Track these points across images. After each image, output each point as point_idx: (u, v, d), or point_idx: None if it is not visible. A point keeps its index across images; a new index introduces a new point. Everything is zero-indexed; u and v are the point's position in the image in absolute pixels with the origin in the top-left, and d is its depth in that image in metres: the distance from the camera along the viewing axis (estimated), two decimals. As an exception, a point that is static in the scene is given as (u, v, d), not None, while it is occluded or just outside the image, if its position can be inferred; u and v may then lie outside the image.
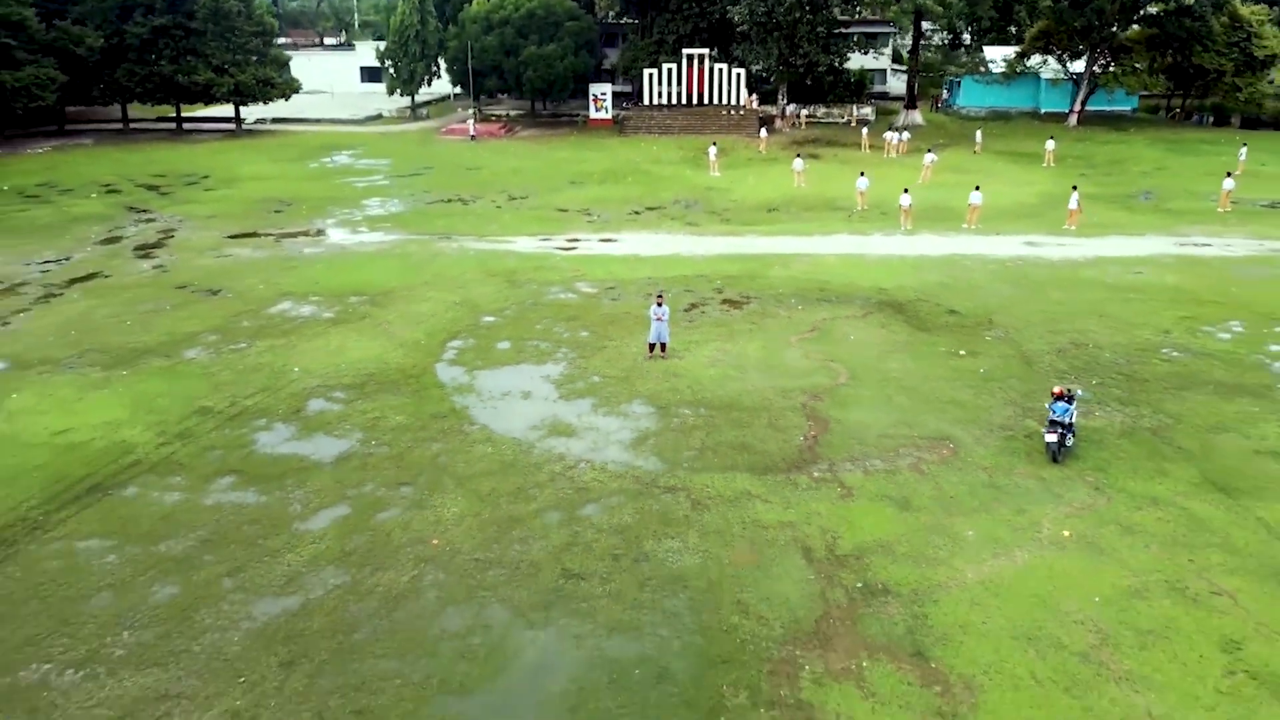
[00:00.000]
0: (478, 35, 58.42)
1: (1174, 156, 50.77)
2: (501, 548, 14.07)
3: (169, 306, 25.67)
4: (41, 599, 12.98)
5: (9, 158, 51.07)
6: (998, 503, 15.35)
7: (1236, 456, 16.93)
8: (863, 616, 12.47)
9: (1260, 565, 13.65)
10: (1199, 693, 11.09)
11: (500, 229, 34.86)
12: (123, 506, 15.37)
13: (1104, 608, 12.65)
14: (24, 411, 18.97)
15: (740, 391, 19.75)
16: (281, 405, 19.21)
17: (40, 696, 11.14)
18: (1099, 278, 28.22)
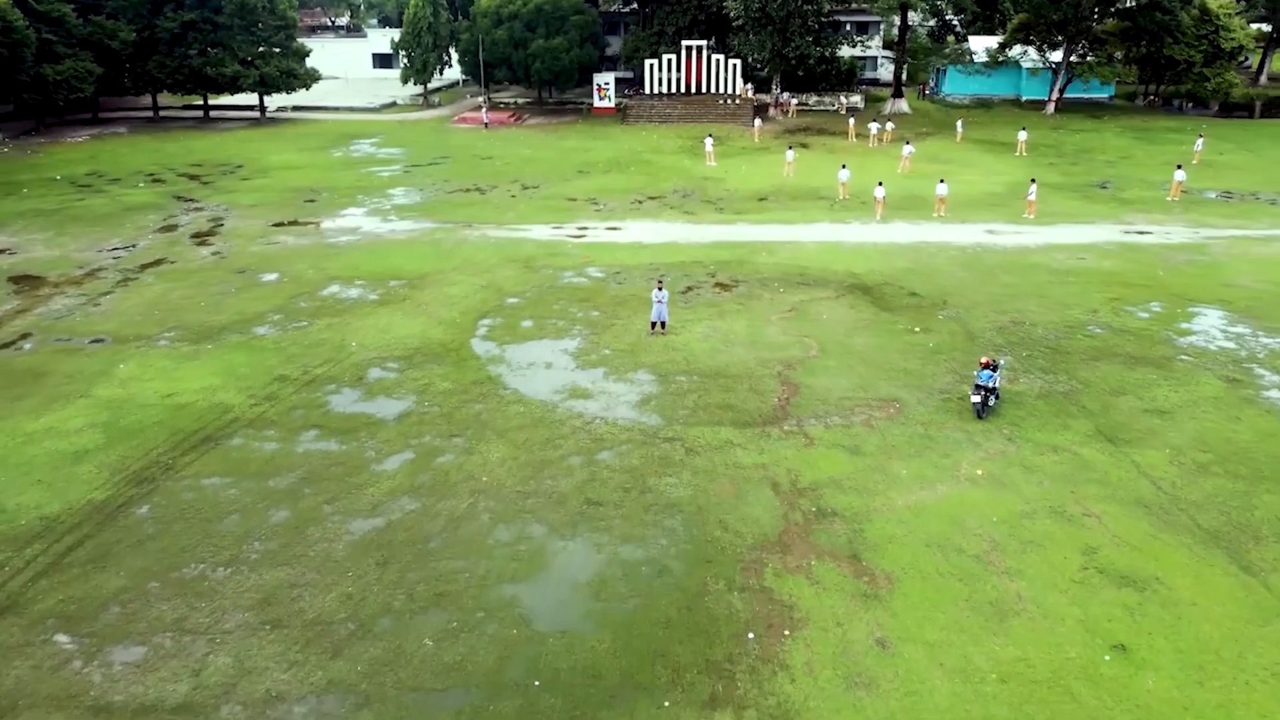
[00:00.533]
0: (488, 29, 61.90)
1: (1140, 145, 54.40)
2: (536, 483, 18.04)
3: (233, 289, 29.56)
4: (185, 520, 16.95)
5: (53, 146, 54.72)
6: (928, 450, 19.31)
7: (1127, 414, 20.87)
8: (814, 531, 16.45)
9: (1126, 496, 17.62)
10: (1058, 582, 15.09)
11: (517, 217, 38.65)
12: (232, 453, 19.33)
13: (998, 526, 16.62)
14: (133, 379, 22.90)
15: (727, 362, 23.67)
16: (346, 374, 23.13)
17: (202, 585, 15.13)
18: (1046, 263, 32.08)
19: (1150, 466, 18.63)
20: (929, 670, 13.14)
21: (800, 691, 12.74)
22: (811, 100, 67.17)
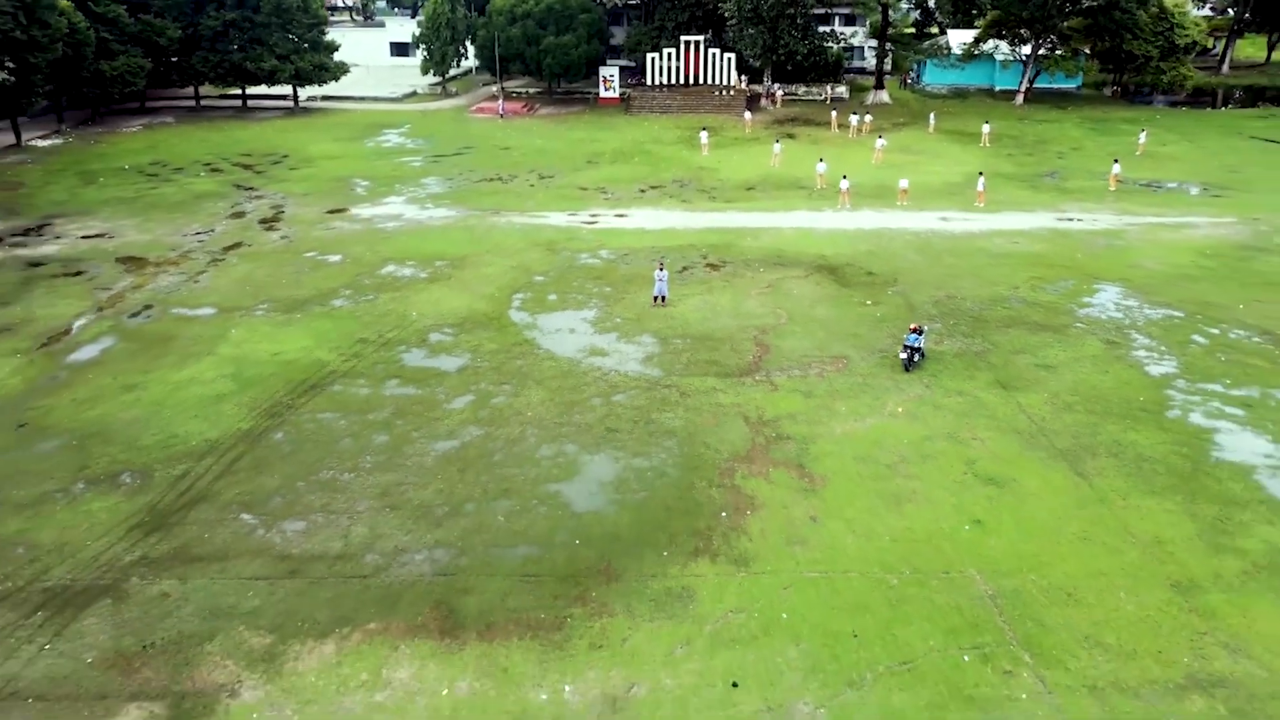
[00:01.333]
0: (503, 26, 67.46)
1: (1093, 136, 60.21)
2: (568, 416, 24.20)
3: (306, 269, 35.62)
4: (312, 442, 23.13)
5: (112, 136, 60.51)
6: (864, 394, 25.46)
7: (1022, 368, 27.02)
8: (772, 449, 22.63)
9: (1005, 426, 23.78)
10: (942, 482, 21.26)
11: (536, 205, 44.63)
12: (335, 396, 25.49)
13: (907, 446, 22.79)
14: (244, 341, 29.03)
15: (714, 328, 29.78)
16: (412, 337, 29.26)
17: (335, 483, 21.31)
18: (985, 247, 38.12)
19: (1029, 406, 24.80)
20: (844, 534, 19.37)
21: (755, 547, 18.96)
22: (800, 90, 72.78)
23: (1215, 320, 30.42)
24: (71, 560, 18.61)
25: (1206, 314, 30.94)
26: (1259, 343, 28.67)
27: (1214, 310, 31.25)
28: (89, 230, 40.60)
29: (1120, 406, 24.71)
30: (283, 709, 14.96)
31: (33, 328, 30.17)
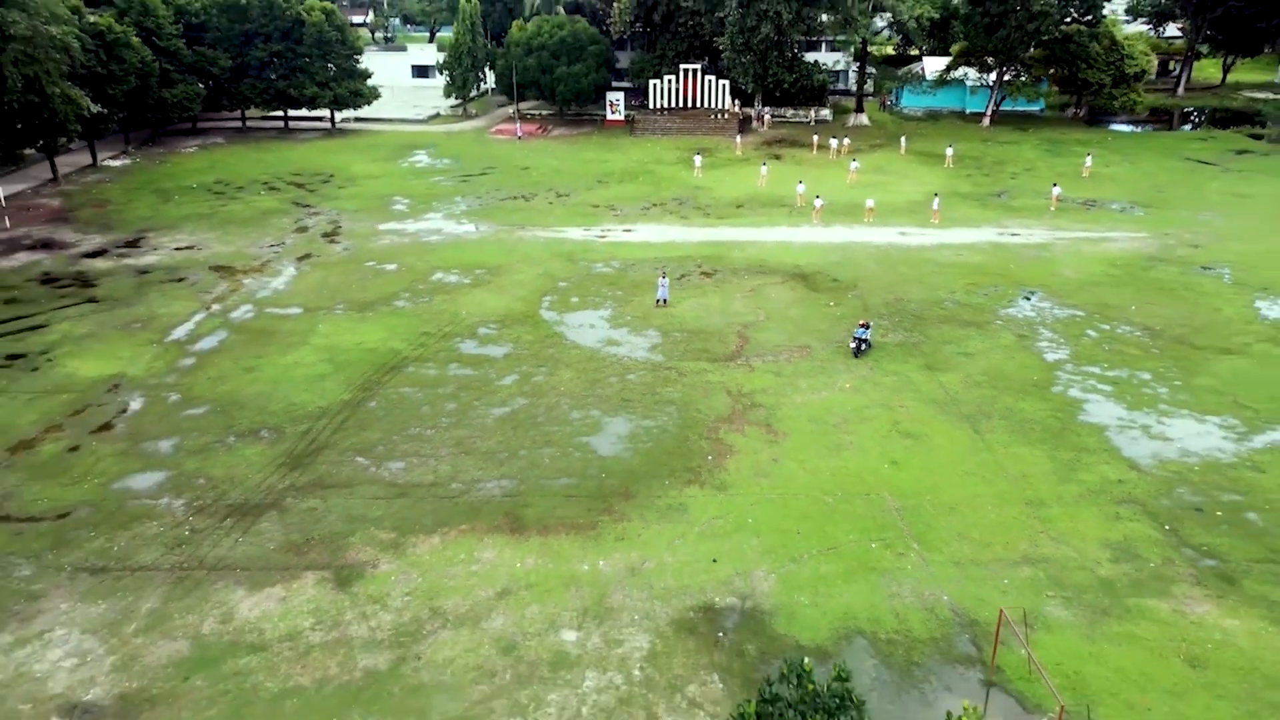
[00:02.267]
0: (520, 57, 74.94)
1: (1047, 157, 67.64)
2: (592, 390, 31.57)
3: (369, 276, 43.04)
4: (399, 409, 30.50)
5: (174, 156, 67.98)
6: (820, 374, 32.85)
7: (947, 355, 34.40)
8: (747, 413, 30.02)
9: (926, 397, 31.16)
10: (872, 435, 28.63)
11: (556, 221, 52.05)
12: (411, 375, 32.88)
13: (850, 411, 30.16)
14: (331, 333, 36.42)
15: (706, 324, 37.17)
16: (464, 330, 36.65)
17: (421, 436, 28.68)
18: (934, 258, 45.53)
19: (947, 383, 32.20)
20: (796, 470, 26.72)
21: (731, 479, 26.32)
22: (788, 113, 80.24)
23: (1108, 318, 37.85)
24: (241, 487, 26.01)
25: (1103, 313, 38.36)
26: (1138, 336, 36.11)
27: (1110, 310, 38.67)
28: (179, 243, 48.03)
29: (1017, 384, 32.12)
30: (410, 575, 22.34)
31: (158, 323, 37.58)
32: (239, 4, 70.76)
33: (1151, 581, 22.00)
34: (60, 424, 29.49)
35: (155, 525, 24.27)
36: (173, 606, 21.24)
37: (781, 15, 68.58)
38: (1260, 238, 48.42)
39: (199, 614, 20.93)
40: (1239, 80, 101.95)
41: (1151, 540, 23.54)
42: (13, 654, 19.83)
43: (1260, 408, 30.25)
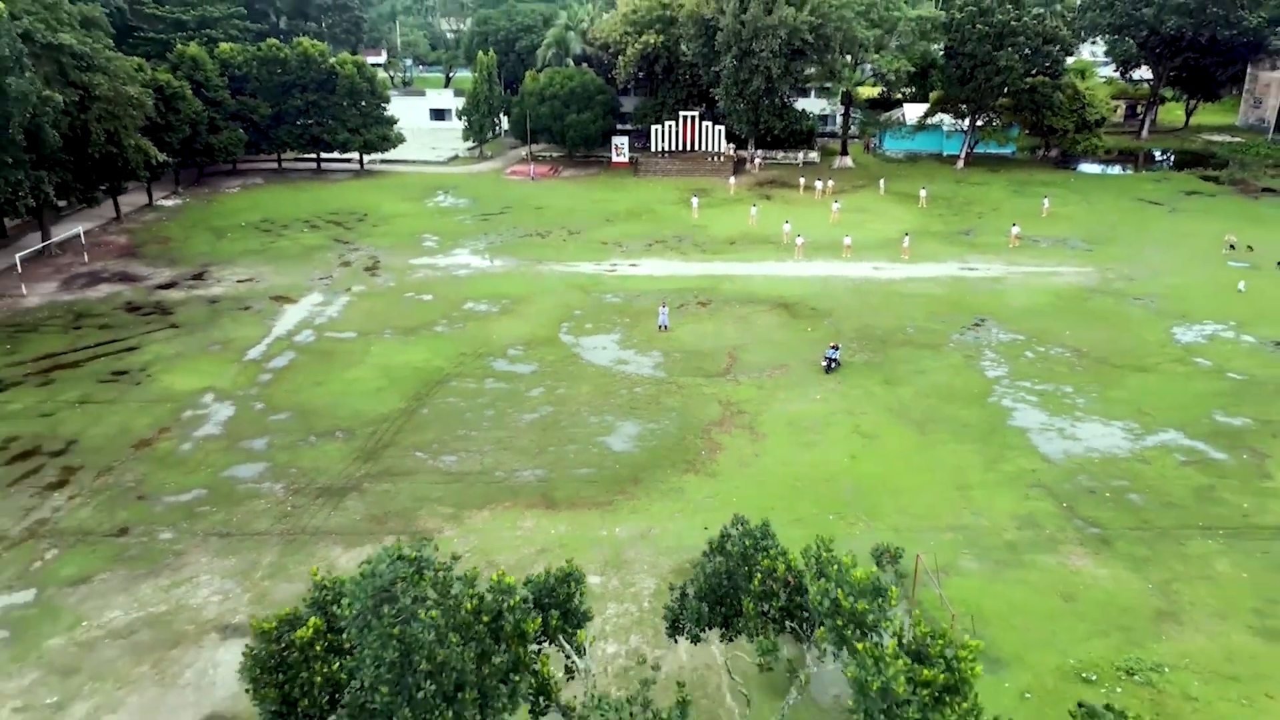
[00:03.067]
0: (534, 105, 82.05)
1: (1012, 198, 74.40)
2: (606, 400, 38.02)
3: (410, 305, 49.59)
4: (447, 415, 36.93)
5: (218, 195, 74.84)
6: (797, 388, 39.30)
7: (903, 372, 40.86)
8: (735, 419, 36.45)
9: (883, 406, 37.59)
10: (836, 437, 35.04)
11: (570, 256, 58.71)
12: (454, 388, 39.33)
13: (819, 417, 36.58)
14: (383, 354, 42.91)
15: (701, 346, 43.66)
16: (496, 351, 43.15)
17: (467, 436, 35.10)
18: (901, 290, 52.10)
19: (901, 395, 38.64)
20: (773, 463, 33.11)
21: (720, 468, 32.69)
22: (779, 155, 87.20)
23: (1045, 342, 44.38)
24: (326, 474, 32.41)
25: (1041, 338, 44.90)
26: (1067, 356, 42.62)
27: (1047, 335, 45.20)
28: (239, 276, 54.66)
29: (960, 396, 38.58)
30: (468, 538, 28.68)
31: (234, 345, 44.10)
32: (278, 57, 77.85)
33: (1045, 543, 28.37)
34: (169, 427, 35.94)
35: (262, 503, 30.67)
36: (287, 560, 27.61)
37: (771, 69, 75.62)
38: (1189, 272, 55.05)
39: (308, 565, 27.24)
40: (1201, 123, 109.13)
41: (1050, 514, 29.92)
42: (171, 592, 26.16)
43: (1157, 415, 36.71)
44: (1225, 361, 41.99)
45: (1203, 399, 38.13)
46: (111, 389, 39.29)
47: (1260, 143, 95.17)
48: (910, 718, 10.28)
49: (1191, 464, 33.08)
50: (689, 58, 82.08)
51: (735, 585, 14.18)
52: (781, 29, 73.30)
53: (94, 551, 28.06)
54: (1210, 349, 43.52)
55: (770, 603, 13.58)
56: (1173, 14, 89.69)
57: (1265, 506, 30.29)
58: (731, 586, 14.29)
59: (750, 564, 14.71)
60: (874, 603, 12.05)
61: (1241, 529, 29.11)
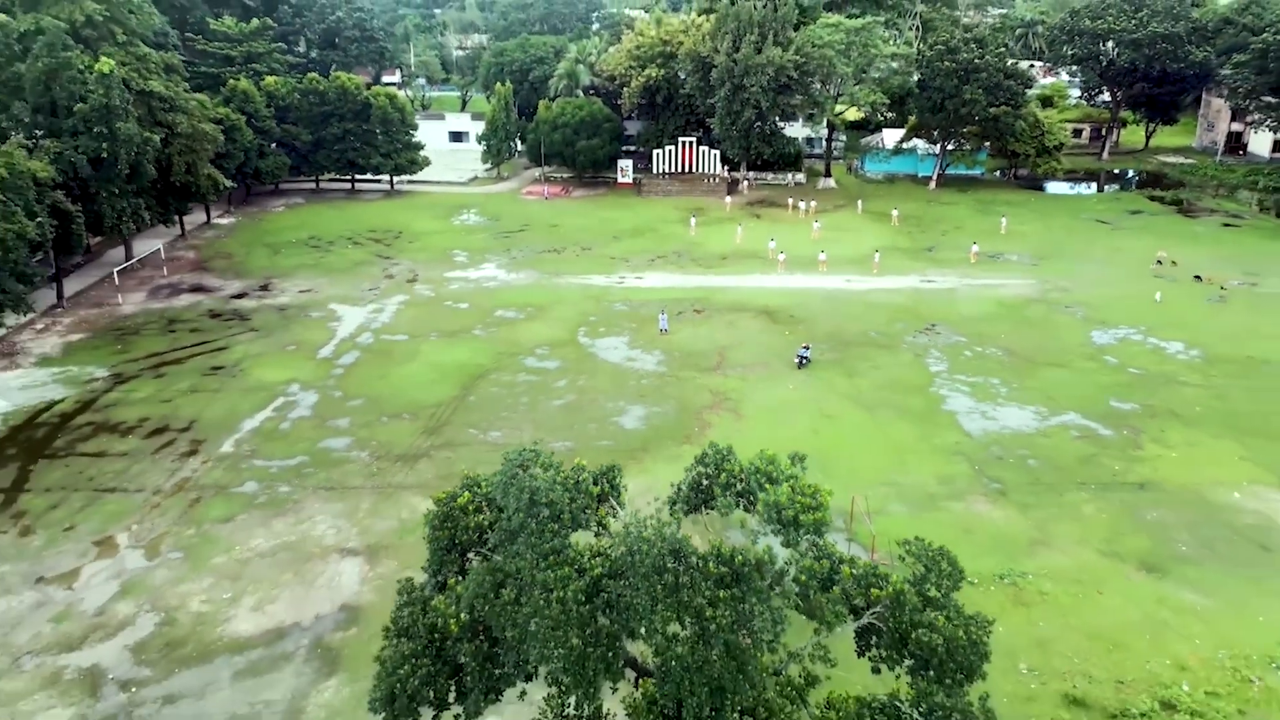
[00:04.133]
0: (548, 132, 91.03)
1: (975, 217, 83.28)
2: (619, 389, 46.87)
3: (450, 312, 58.42)
4: (490, 401, 45.78)
5: (266, 214, 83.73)
6: (774, 381, 48.15)
7: (862, 368, 49.72)
8: (722, 404, 45.28)
9: (843, 395, 46.43)
10: (803, 418, 43.84)
11: (583, 270, 67.57)
12: (494, 380, 48.15)
13: (791, 403, 45.39)
14: (432, 353, 51.76)
15: (696, 347, 52.52)
16: (525, 351, 52.00)
17: (508, 418, 43.92)
18: (868, 300, 60.95)
19: (859, 386, 47.49)
20: (753, 437, 41.75)
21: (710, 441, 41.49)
22: (769, 177, 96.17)
23: (983, 343, 53.26)
24: (400, 445, 41.23)
25: (980, 340, 53.77)
26: (1000, 355, 51.50)
27: (985, 338, 54.06)
28: (300, 287, 63.53)
29: (906, 386, 47.42)
30: (516, 491, 37.45)
31: (307, 345, 52.93)
32: (318, 90, 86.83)
33: (957, 494, 37.21)
34: (270, 411, 44.77)
35: (354, 466, 39.53)
36: (380, 505, 36.45)
37: (761, 102, 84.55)
38: (1117, 284, 63.94)
39: (396, 508, 36.10)
40: (1161, 144, 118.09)
41: (965, 474, 38.76)
42: (297, 527, 34.98)
43: (1063, 401, 45.58)
44: (1129, 360, 50.90)
45: (1103, 389, 47.03)
46: (214, 380, 48.15)
47: (1209, 164, 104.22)
48: (787, 517, 19.05)
49: (1082, 438, 41.96)
50: (687, 90, 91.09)
51: (711, 482, 22.87)
52: (769, 67, 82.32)
53: (231, 500, 36.91)
54: (1119, 349, 52.44)
55: (729, 490, 22.27)
56: (1127, 49, 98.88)
57: (1131, 469, 39.17)
58: (708, 483, 23.00)
59: (720, 468, 23.41)
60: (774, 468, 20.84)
61: (1109, 484, 37.98)
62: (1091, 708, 25.92)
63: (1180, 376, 48.56)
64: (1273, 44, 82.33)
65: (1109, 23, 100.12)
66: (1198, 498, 36.85)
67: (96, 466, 39.46)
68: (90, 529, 34.91)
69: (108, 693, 26.87)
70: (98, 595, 31.17)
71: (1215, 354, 51.40)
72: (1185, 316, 57.54)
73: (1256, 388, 46.98)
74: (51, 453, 40.65)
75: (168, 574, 32.27)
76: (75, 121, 53.76)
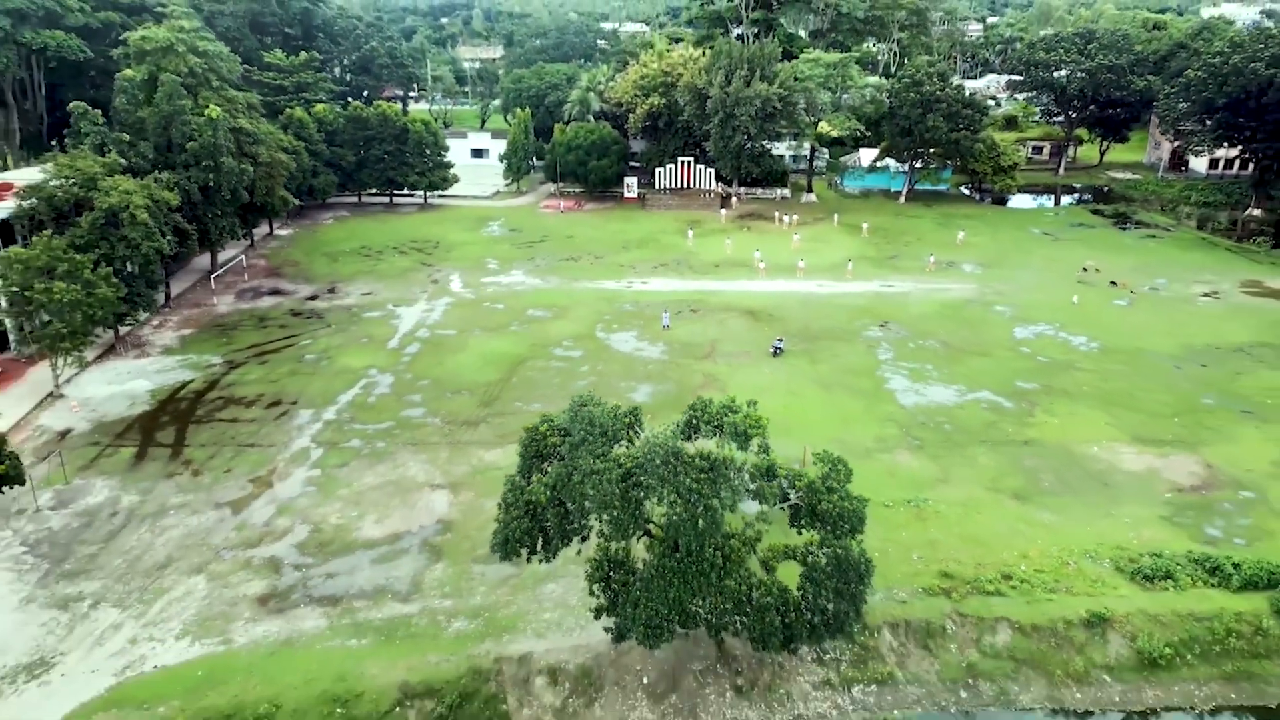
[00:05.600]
0: (563, 154, 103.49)
1: (936, 230, 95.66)
2: (630, 374, 59.28)
3: (489, 311, 70.83)
4: (530, 382, 58.19)
5: (319, 227, 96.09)
6: (754, 366, 60.56)
7: (824, 356, 62.12)
8: (712, 384, 57.69)
9: (807, 378, 58.81)
10: (776, 394, 56.25)
11: (597, 275, 79.94)
12: (531, 365, 60.59)
13: (766, 385, 57.77)
14: (479, 344, 64.18)
15: (692, 340, 64.93)
16: (554, 343, 64.42)
17: (545, 394, 56.27)
18: (834, 302, 73.36)
19: (820, 370, 59.91)
20: (734, 408, 54.33)
21: (702, 412, 53.99)
22: (758, 192, 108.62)
23: (924, 336, 65.66)
24: (463, 414, 53.65)
25: (923, 334, 66.16)
26: (936, 346, 63.93)
27: (927, 332, 66.45)
28: (361, 290, 75.96)
29: (858, 370, 59.85)
30: (555, 446, 49.94)
31: (377, 338, 65.32)
32: (362, 117, 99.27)
33: (886, 450, 49.62)
34: (358, 389, 57.17)
35: (430, 429, 51.94)
36: (454, 456, 48.88)
37: (750, 128, 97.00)
38: (1046, 289, 76.37)
39: (467, 458, 48.52)
40: (1113, 160, 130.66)
41: (895, 435, 51.17)
42: (396, 470, 47.41)
43: (979, 382, 57.98)
44: (1040, 350, 63.37)
45: (1014, 373, 59.47)
46: (308, 366, 60.59)
47: (1151, 180, 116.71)
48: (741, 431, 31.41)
49: (989, 409, 54.39)
50: (685, 117, 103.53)
51: (697, 419, 35.16)
52: (757, 99, 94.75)
53: (343, 453, 49.32)
54: (1034, 342, 64.92)
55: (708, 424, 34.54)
56: (1077, 78, 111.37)
57: (1021, 431, 51.60)
58: (695, 420, 35.29)
59: (703, 412, 35.79)
60: (735, 407, 33.31)
61: (1002, 442, 50.40)
62: (955, 579, 38.35)
63: (1077, 364, 61.04)
64: (1194, 79, 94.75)
65: (1060, 55, 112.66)
66: (1065, 451, 49.32)
67: (234, 429, 51.89)
68: (242, 471, 47.35)
69: (286, 571, 39.31)
70: (261, 514, 43.60)
71: (1110, 346, 63.91)
72: (1095, 316, 70.02)
73: (1134, 373, 59.47)
74: (197, 419, 53.11)
75: (308, 501, 44.72)
76: (188, 157, 66.23)
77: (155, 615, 36.50)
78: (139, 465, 47.96)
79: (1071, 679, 34.74)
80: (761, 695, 34.10)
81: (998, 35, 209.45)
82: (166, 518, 43.17)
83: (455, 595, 37.82)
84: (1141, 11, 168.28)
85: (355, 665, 33.74)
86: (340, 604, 37.31)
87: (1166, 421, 52.63)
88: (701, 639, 35.07)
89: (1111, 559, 39.62)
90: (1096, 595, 37.24)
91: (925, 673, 35.08)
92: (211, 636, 35.39)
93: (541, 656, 34.42)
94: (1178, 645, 35.25)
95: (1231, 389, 56.98)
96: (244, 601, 37.44)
